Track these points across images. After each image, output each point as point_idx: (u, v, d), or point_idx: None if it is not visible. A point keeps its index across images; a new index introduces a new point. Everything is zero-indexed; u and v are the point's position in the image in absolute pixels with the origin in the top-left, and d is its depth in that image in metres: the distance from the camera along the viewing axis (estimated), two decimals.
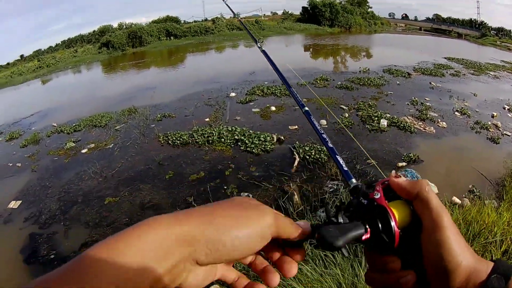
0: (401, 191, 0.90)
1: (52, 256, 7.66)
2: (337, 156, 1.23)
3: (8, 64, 77.35)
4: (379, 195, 0.89)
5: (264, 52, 2.39)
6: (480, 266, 0.80)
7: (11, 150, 15.48)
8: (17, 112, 23.65)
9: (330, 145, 1.28)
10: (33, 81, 44.85)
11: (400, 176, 0.94)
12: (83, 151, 13.64)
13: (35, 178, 11.97)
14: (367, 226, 0.86)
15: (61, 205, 9.80)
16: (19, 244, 8.34)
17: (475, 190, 8.84)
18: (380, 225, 0.85)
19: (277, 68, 2.13)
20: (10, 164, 13.55)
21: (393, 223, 0.84)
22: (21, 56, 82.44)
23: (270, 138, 12.19)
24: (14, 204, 10.23)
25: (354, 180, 1.07)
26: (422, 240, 0.84)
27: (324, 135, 1.34)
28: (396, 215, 0.86)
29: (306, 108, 1.60)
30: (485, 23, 78.94)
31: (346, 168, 1.17)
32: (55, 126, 17.70)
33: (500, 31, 72.50)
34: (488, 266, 0.81)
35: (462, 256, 0.80)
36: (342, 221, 0.86)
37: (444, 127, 13.45)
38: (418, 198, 0.87)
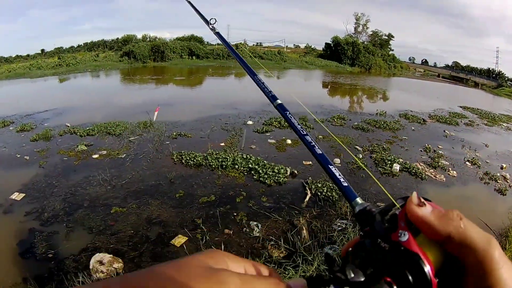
0: (427, 229, 0.71)
1: (50, 255, 7.58)
2: (331, 167, 1.07)
3: (28, 55, 78.48)
4: (407, 237, 0.70)
5: (218, 34, 2.38)
6: None
7: (21, 141, 15.59)
8: (31, 105, 23.90)
9: (319, 151, 1.10)
10: (50, 77, 45.38)
11: (424, 204, 0.74)
12: (94, 156, 13.67)
13: (42, 174, 11.96)
14: (393, 283, 0.67)
15: (65, 206, 9.74)
16: (17, 237, 8.33)
17: None
18: (411, 279, 0.66)
19: (231, 47, 2.15)
20: (18, 156, 13.64)
21: (429, 274, 0.66)
22: (42, 50, 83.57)
23: (283, 171, 12.18)
24: (17, 196, 10.22)
25: (359, 200, 0.91)
26: (467, 286, 0.68)
27: (309, 137, 1.17)
28: (430, 259, 0.68)
29: (279, 101, 1.49)
30: (503, 73, 79.01)
31: (346, 184, 0.99)
32: (68, 126, 17.86)
33: None
34: None
35: None
36: (352, 275, 0.67)
37: (454, 176, 13.48)
38: (454, 239, 0.68)
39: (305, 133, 1.19)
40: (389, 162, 13.84)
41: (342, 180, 1.00)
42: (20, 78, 45.14)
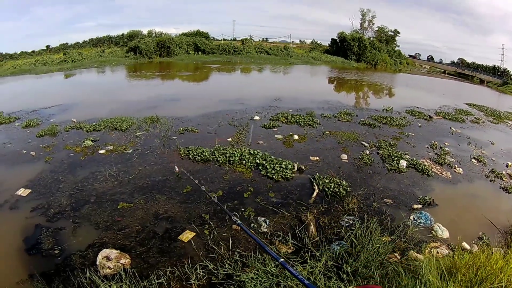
0: None
1: (56, 251, 7.55)
2: None
3: (33, 52, 78.25)
4: None
5: (240, 224, 2.39)
6: None
7: (27, 137, 15.60)
8: (36, 101, 23.97)
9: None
10: (56, 73, 45.48)
11: None
12: (101, 151, 13.67)
13: (48, 169, 11.96)
14: None
15: (72, 202, 9.73)
16: (23, 233, 8.28)
17: (484, 237, 8.82)
18: None
19: (253, 235, 2.07)
20: (24, 151, 13.64)
21: None
22: (47, 46, 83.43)
23: (291, 166, 12.14)
24: (23, 192, 10.20)
25: None
26: None
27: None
28: None
29: (282, 260, 1.79)
30: (508, 70, 78.70)
31: None
32: (74, 121, 17.89)
33: None
34: None
35: None
36: None
37: (460, 173, 13.41)
38: None
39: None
40: (396, 158, 13.82)
41: None
42: (25, 74, 45.19)
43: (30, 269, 6.95)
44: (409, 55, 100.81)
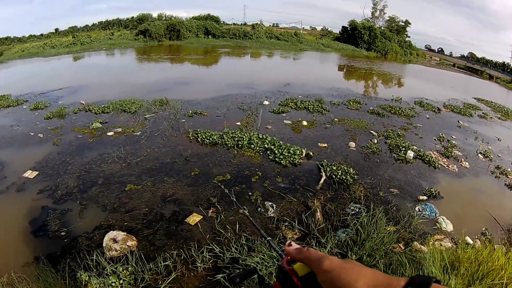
0: (294, 258, 1.49)
1: (63, 233, 7.60)
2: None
3: (42, 35, 78.24)
4: (286, 267, 1.52)
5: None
6: (392, 281, 1.10)
7: (35, 119, 15.68)
8: (45, 83, 24.07)
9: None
10: (64, 56, 45.49)
11: (291, 244, 1.59)
12: (109, 133, 13.73)
13: (56, 152, 12.02)
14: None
15: (79, 184, 9.76)
16: (29, 215, 8.34)
17: (487, 233, 8.84)
18: (289, 284, 1.48)
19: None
20: (32, 134, 13.72)
21: (294, 280, 1.46)
22: (56, 29, 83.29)
23: (299, 152, 12.16)
24: (30, 174, 10.26)
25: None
26: (319, 281, 1.31)
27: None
28: (297, 269, 1.48)
29: (269, 238, 2.61)
30: None
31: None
32: (83, 104, 18.02)
33: None
34: (399, 281, 1.07)
35: (358, 283, 1.14)
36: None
37: (467, 167, 13.40)
38: (304, 259, 1.43)
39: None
40: (404, 148, 13.83)
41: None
42: (34, 57, 45.34)
43: (36, 251, 7.03)
44: (428, 48, 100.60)
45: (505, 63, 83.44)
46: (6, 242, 7.41)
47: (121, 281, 6.02)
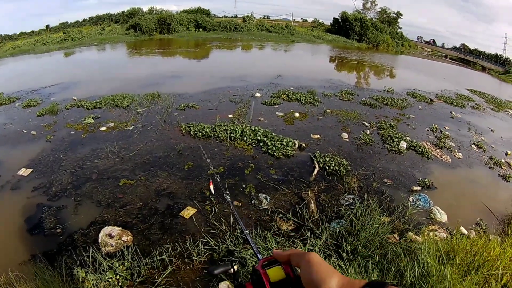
0: (278, 257, 1.56)
1: (58, 230, 7.59)
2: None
3: (32, 32, 77.57)
4: (260, 271, 1.54)
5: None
6: (355, 283, 1.21)
7: (27, 117, 15.60)
8: (36, 80, 23.90)
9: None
10: (56, 52, 45.20)
11: (278, 249, 1.82)
12: (102, 129, 13.72)
13: (49, 148, 12.00)
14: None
15: (73, 180, 9.76)
16: (24, 213, 8.31)
17: (481, 223, 8.90)
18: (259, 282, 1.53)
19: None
20: (25, 131, 13.66)
21: (265, 282, 1.48)
22: (47, 26, 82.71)
23: (292, 144, 12.19)
24: (24, 172, 10.24)
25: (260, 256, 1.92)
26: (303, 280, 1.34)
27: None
28: (270, 274, 1.51)
29: (246, 231, 2.60)
30: (510, 60, 78.44)
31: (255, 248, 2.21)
32: (75, 99, 17.97)
33: None
34: (360, 282, 1.19)
35: (332, 280, 1.23)
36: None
37: (460, 158, 13.47)
38: (290, 255, 1.49)
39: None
40: (396, 139, 13.89)
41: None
42: (25, 55, 44.99)
43: (32, 249, 7.02)
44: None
45: (498, 54, 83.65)
46: (2, 241, 7.39)
47: (117, 277, 6.03)
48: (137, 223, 7.81)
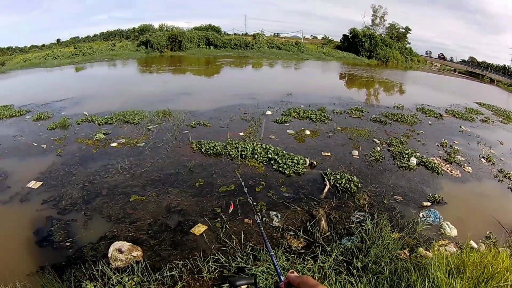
0: (291, 281, 2.19)
1: (67, 244, 7.61)
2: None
3: (43, 45, 78.53)
4: (282, 284, 2.11)
5: None
6: None
7: (38, 130, 15.78)
8: (47, 94, 24.32)
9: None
10: (66, 66, 45.93)
11: (293, 272, 2.42)
12: (113, 144, 13.79)
13: (60, 162, 12.08)
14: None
15: (83, 194, 9.79)
16: (33, 225, 8.36)
17: (491, 236, 8.84)
18: None
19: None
20: (35, 144, 13.81)
21: None
22: (58, 40, 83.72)
23: (302, 162, 12.16)
24: (33, 184, 10.29)
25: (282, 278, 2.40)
26: None
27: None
28: None
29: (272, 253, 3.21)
30: None
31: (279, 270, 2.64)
32: (86, 115, 18.12)
33: None
34: None
35: None
36: None
37: (470, 172, 13.38)
38: (301, 282, 2.12)
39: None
40: (406, 155, 13.84)
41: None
42: (36, 68, 45.61)
43: (41, 261, 7.04)
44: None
45: (506, 66, 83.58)
46: (11, 251, 7.46)
47: None
48: (147, 239, 7.82)
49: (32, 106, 20.50)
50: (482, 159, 15.05)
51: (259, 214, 4.23)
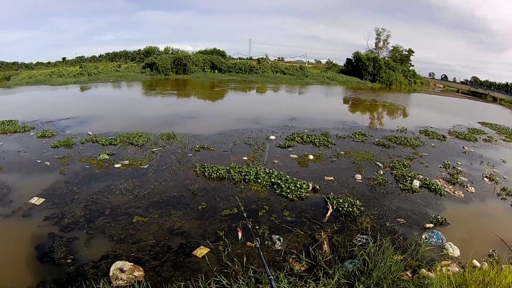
0: None
1: (69, 260, 7.64)
2: None
3: (49, 63, 79.43)
4: None
5: None
6: None
7: (42, 147, 15.96)
8: (52, 112, 24.59)
9: None
10: (72, 85, 46.33)
11: None
12: (117, 165, 13.85)
13: (63, 180, 12.16)
14: None
15: (86, 213, 9.84)
16: (35, 240, 8.41)
17: (494, 254, 8.84)
18: None
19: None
20: (39, 161, 13.95)
21: None
22: (63, 58, 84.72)
23: (305, 186, 12.16)
24: (36, 201, 10.37)
25: None
26: None
27: None
28: None
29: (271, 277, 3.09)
30: None
31: None
32: (90, 134, 18.28)
33: None
34: None
35: None
36: None
37: (472, 192, 13.38)
38: None
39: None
40: (409, 178, 13.83)
41: None
42: (41, 85, 46.30)
43: (41, 276, 7.08)
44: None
45: (508, 83, 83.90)
46: (11, 265, 7.53)
47: None
48: (149, 260, 7.83)
49: (37, 123, 20.77)
50: (485, 179, 15.11)
51: (257, 238, 4.24)
